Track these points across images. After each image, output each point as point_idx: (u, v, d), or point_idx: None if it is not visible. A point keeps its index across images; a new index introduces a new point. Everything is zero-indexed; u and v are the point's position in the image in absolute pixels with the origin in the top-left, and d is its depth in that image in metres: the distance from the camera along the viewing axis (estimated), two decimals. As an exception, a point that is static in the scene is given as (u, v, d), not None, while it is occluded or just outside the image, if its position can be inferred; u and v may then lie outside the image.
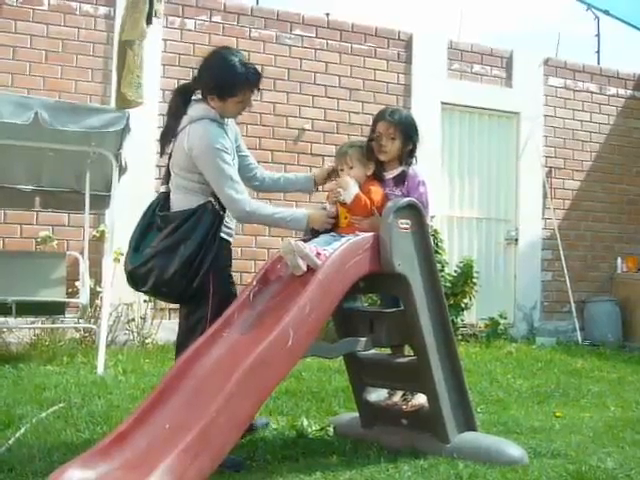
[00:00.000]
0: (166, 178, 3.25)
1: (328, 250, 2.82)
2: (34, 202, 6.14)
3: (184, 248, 2.96)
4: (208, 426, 2.30)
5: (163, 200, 3.18)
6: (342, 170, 3.15)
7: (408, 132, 3.23)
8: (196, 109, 3.11)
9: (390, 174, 3.22)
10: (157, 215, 3.13)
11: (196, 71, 3.18)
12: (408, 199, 3.00)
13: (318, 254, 2.80)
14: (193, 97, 3.17)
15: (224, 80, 3.07)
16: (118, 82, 4.34)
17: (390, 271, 2.87)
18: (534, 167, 8.41)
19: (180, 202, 3.09)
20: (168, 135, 3.15)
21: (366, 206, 3.02)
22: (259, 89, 3.15)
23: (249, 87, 3.11)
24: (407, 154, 3.23)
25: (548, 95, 8.60)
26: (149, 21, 4.40)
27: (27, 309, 5.53)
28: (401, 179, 3.18)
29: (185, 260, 2.94)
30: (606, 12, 9.34)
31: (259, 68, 3.17)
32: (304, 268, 2.79)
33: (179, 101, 3.17)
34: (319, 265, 2.74)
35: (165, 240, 3.01)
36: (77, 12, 6.73)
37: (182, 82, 3.31)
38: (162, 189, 3.25)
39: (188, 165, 3.05)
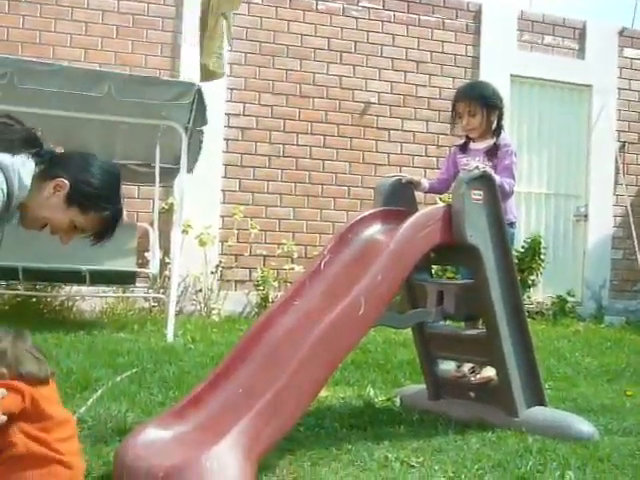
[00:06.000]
0: None
1: None
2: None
3: None
4: (280, 391, 2.33)
5: None
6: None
7: (486, 102, 3.23)
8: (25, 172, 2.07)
9: (480, 145, 3.26)
10: None
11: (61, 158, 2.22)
12: (481, 170, 2.97)
13: None
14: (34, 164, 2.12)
15: (101, 191, 2.19)
16: (201, 54, 4.35)
17: (462, 242, 2.84)
18: (606, 142, 8.16)
19: None
20: None
21: None
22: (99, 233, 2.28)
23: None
24: (494, 123, 3.25)
25: (622, 67, 8.31)
26: None
27: (100, 278, 5.70)
28: (494, 151, 3.20)
29: None
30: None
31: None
32: None
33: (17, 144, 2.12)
34: None
35: None
36: (147, -13, 6.82)
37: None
38: None
39: None
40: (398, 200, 3.14)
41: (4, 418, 1.88)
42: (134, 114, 5.31)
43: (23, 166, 2.08)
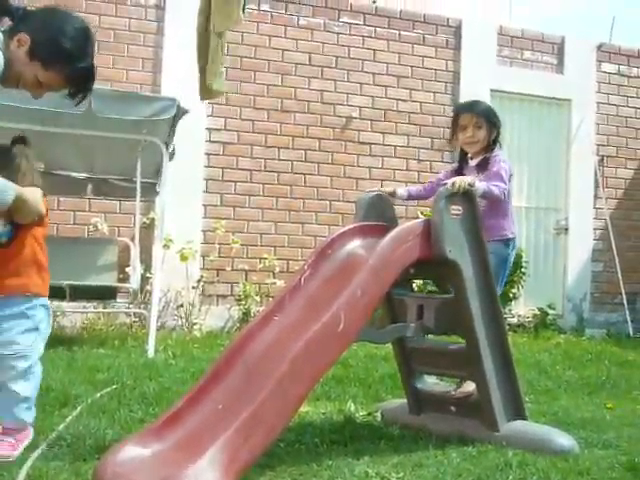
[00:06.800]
0: None
1: None
2: (86, 189, 6.27)
3: None
4: (260, 407, 2.32)
5: None
6: None
7: (491, 119, 3.38)
8: None
9: (473, 162, 3.37)
10: None
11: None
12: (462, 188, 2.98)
13: None
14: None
15: (63, 47, 2.21)
16: (202, 74, 4.36)
17: (441, 257, 2.85)
18: (585, 155, 8.25)
19: None
20: None
21: None
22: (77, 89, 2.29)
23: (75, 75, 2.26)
24: (492, 141, 3.38)
25: (601, 81, 8.42)
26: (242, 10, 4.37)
27: (80, 293, 5.67)
28: (484, 165, 3.30)
29: None
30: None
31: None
32: None
33: None
34: None
35: None
36: (128, 3, 6.84)
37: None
38: None
39: None
40: (378, 215, 3.15)
41: (44, 212, 2.42)
42: (115, 129, 5.30)
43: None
